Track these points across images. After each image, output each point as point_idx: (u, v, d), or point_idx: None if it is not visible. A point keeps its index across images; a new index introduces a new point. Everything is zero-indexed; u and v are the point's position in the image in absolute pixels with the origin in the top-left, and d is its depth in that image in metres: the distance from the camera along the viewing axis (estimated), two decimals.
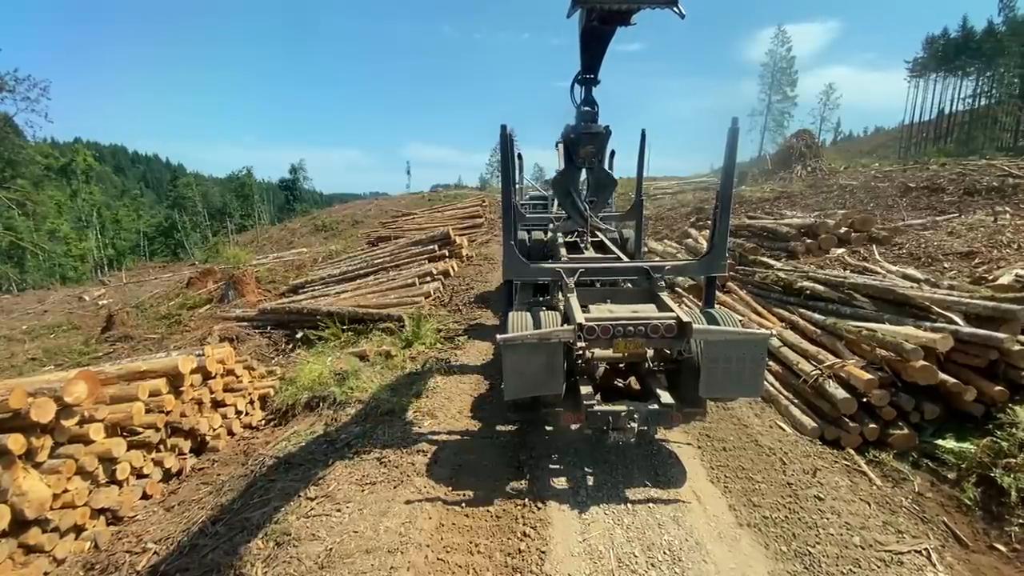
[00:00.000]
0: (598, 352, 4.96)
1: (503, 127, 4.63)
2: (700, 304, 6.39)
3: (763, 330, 4.52)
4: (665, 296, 4.69)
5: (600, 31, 4.41)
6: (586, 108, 5.40)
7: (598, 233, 6.99)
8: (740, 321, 4.66)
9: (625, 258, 6.19)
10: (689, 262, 5.74)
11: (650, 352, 4.91)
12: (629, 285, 5.72)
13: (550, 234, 7.57)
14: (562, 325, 4.29)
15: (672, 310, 4.31)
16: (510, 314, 4.63)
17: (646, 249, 8.68)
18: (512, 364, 4.00)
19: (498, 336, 4.12)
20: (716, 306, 5.08)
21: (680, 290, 9.75)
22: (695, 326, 3.97)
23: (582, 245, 6.71)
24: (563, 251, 6.56)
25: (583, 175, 6.22)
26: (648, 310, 4.56)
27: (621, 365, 5.49)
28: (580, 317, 4.12)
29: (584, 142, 5.52)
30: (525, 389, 4.09)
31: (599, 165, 5.87)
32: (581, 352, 4.24)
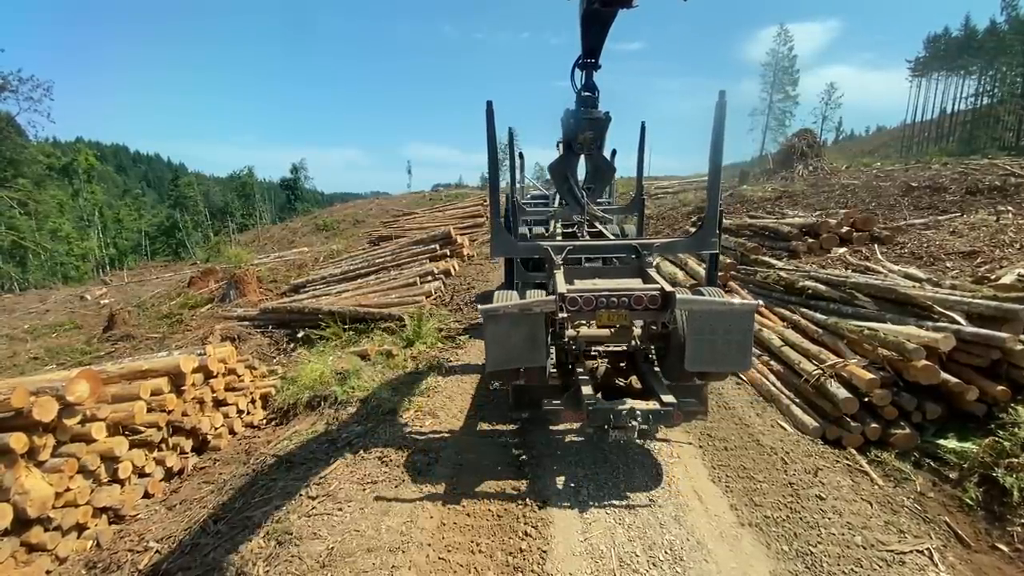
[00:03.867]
0: (584, 330, 4.90)
1: (488, 103, 4.51)
2: None
3: (749, 301, 4.41)
4: (652, 272, 4.59)
5: (602, 14, 4.32)
6: (586, 93, 5.30)
7: (596, 224, 6.95)
8: None
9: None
10: (679, 239, 5.61)
11: (637, 330, 4.86)
12: (618, 263, 5.66)
13: (551, 224, 7.55)
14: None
15: (656, 283, 4.23)
16: (495, 292, 4.60)
17: None
18: (493, 335, 3.92)
19: (479, 307, 4.09)
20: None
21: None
22: (678, 296, 3.89)
23: (580, 235, 6.68)
24: (560, 240, 6.51)
25: (582, 162, 6.13)
26: (633, 283, 4.48)
27: (622, 364, 5.48)
28: (563, 288, 4.06)
29: (583, 127, 5.44)
30: (507, 361, 4.02)
31: (598, 152, 5.77)
32: (564, 324, 4.16)
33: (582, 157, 5.94)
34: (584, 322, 5.60)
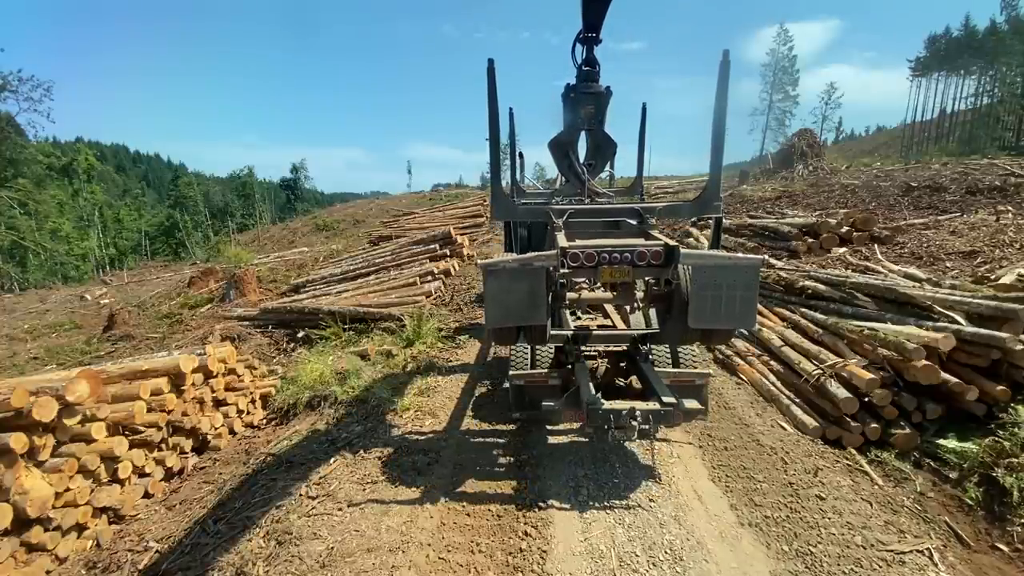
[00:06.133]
0: (586, 293, 4.77)
1: (490, 61, 4.36)
2: None
3: (754, 256, 4.30)
4: (655, 233, 4.50)
5: None
6: (587, 68, 5.22)
7: (597, 203, 6.84)
8: None
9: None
10: (682, 203, 5.44)
11: (640, 294, 4.80)
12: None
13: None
14: None
15: (660, 240, 4.16)
16: (496, 255, 4.53)
17: None
18: (493, 291, 3.84)
19: (479, 262, 4.03)
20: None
21: None
22: (683, 250, 3.82)
23: None
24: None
25: (582, 138, 5.97)
26: (636, 241, 4.36)
27: (622, 364, 5.47)
28: (564, 243, 3.98)
29: (584, 102, 5.34)
30: (507, 318, 3.93)
31: (599, 127, 5.64)
32: (566, 282, 4.05)
33: (583, 133, 5.81)
34: (586, 284, 5.45)
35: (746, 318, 3.84)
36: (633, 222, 4.86)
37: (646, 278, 4.57)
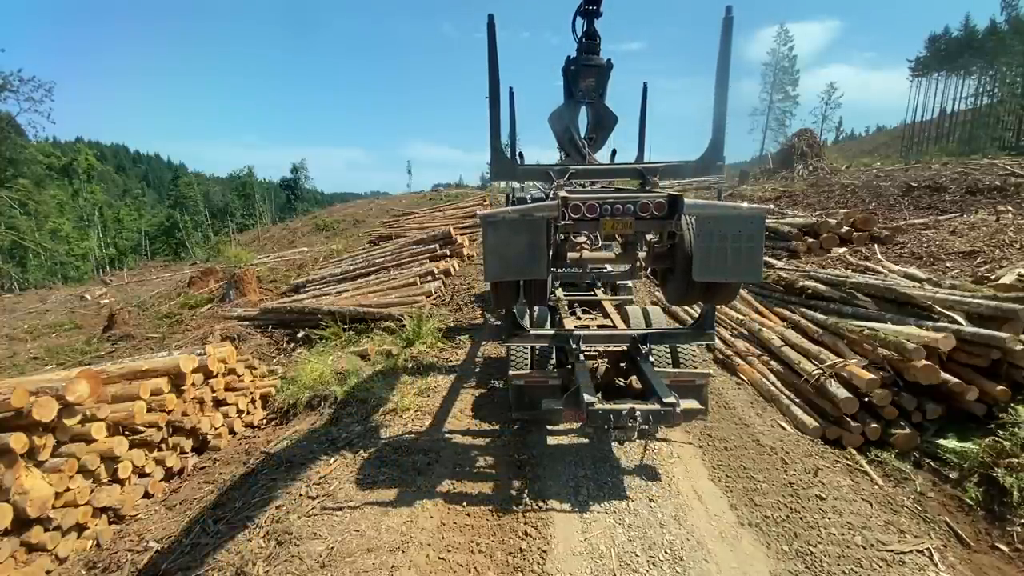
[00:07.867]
0: (587, 253, 4.72)
1: (490, 16, 4.29)
2: None
3: (759, 205, 4.22)
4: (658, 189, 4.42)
5: None
6: (587, 40, 5.19)
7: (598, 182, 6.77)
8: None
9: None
10: (685, 163, 5.48)
11: (642, 253, 4.73)
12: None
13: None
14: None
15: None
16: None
17: None
18: (493, 243, 3.74)
19: (478, 212, 3.97)
20: None
21: None
22: (687, 200, 3.72)
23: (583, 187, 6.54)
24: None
25: (583, 112, 5.94)
26: (639, 193, 4.26)
27: (622, 364, 5.47)
28: (564, 193, 3.90)
29: (585, 74, 5.27)
30: (506, 271, 3.85)
31: (599, 100, 5.59)
32: (567, 236, 3.94)
33: (583, 107, 5.76)
34: (587, 243, 5.38)
35: (752, 270, 3.75)
36: (634, 185, 4.77)
37: (648, 236, 4.48)
